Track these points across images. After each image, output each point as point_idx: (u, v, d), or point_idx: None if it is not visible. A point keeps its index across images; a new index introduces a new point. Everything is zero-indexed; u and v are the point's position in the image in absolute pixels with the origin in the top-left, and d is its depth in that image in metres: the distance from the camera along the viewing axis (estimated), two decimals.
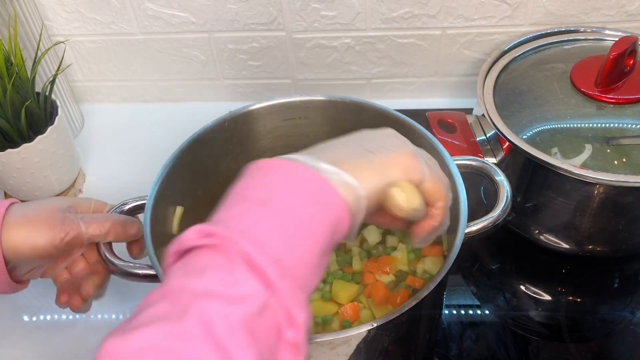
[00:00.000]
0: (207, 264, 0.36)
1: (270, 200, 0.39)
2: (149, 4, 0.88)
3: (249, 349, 0.33)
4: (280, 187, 0.40)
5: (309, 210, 0.39)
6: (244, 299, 0.34)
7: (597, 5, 0.84)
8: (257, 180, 0.41)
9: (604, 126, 0.68)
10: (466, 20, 0.87)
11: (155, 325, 0.32)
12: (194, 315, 0.33)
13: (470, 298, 0.73)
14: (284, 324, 0.35)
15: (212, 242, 0.36)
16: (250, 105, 0.68)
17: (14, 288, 0.56)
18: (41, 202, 0.56)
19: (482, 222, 0.58)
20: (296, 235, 0.38)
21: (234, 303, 0.34)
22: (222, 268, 0.35)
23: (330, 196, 0.40)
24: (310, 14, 0.87)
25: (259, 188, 0.41)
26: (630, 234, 0.69)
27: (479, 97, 0.73)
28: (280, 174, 0.41)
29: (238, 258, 0.35)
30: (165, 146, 0.65)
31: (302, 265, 0.38)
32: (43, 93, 0.77)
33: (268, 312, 0.35)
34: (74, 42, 0.94)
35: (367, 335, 0.49)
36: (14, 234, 0.52)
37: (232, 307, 0.33)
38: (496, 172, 0.61)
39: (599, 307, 0.71)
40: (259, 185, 0.41)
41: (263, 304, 0.34)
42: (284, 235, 0.38)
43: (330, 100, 0.69)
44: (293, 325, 0.36)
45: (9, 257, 0.53)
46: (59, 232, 0.53)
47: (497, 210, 0.59)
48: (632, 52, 0.69)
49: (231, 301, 0.34)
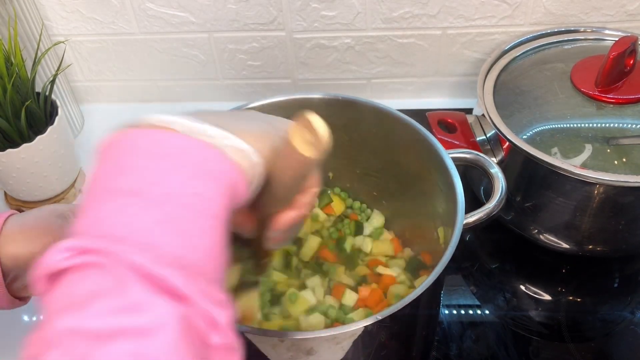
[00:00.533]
0: (92, 290, 0.28)
1: (143, 187, 0.31)
2: (149, 4, 0.88)
3: None
4: (155, 168, 0.32)
5: (195, 187, 0.32)
6: (153, 328, 0.27)
7: (597, 5, 0.84)
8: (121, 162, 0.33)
9: (604, 126, 0.68)
10: (466, 20, 0.87)
11: None
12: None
13: (470, 298, 0.73)
14: (207, 332, 0.30)
15: (90, 261, 0.29)
16: (245, 105, 0.68)
17: (12, 303, 0.55)
18: (40, 209, 0.56)
19: (477, 213, 0.59)
20: (188, 223, 0.31)
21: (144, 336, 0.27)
22: (113, 293, 0.28)
23: (221, 162, 0.33)
24: (310, 14, 0.87)
25: (126, 174, 0.32)
26: (630, 234, 0.69)
27: (479, 97, 0.73)
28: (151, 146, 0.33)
29: (128, 273, 0.28)
30: None
31: (206, 255, 0.32)
32: (43, 93, 0.77)
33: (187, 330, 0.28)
34: (74, 42, 0.94)
35: (364, 331, 0.50)
36: (13, 243, 0.52)
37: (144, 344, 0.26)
38: (490, 164, 0.62)
39: (599, 307, 0.71)
40: (126, 169, 0.32)
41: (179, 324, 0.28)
42: (173, 226, 0.31)
43: (324, 98, 0.69)
44: (217, 329, 0.30)
45: (9, 267, 0.52)
46: (57, 236, 0.53)
47: (492, 201, 0.59)
48: (632, 52, 0.69)
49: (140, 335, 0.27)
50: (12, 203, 0.84)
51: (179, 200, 0.31)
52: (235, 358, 0.31)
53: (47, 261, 0.30)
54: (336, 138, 0.39)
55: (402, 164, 0.68)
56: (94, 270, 0.29)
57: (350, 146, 0.71)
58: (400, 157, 0.68)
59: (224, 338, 0.30)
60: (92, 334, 0.26)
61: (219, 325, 0.30)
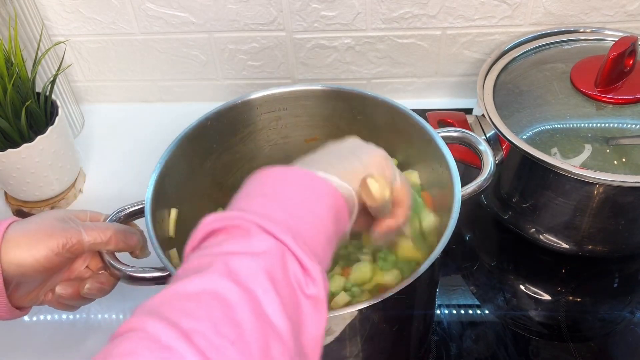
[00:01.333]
0: (225, 238, 0.39)
1: (272, 194, 0.43)
2: (149, 4, 0.88)
3: (272, 292, 0.35)
4: (280, 184, 0.44)
5: (309, 197, 0.43)
6: (263, 253, 0.37)
7: (597, 5, 0.84)
8: (257, 183, 0.45)
9: (604, 126, 0.68)
10: (466, 20, 0.87)
11: (183, 281, 0.35)
12: (218, 267, 0.36)
13: (470, 298, 0.73)
14: (302, 279, 0.38)
15: (228, 223, 0.40)
16: (228, 103, 0.69)
17: (12, 314, 0.55)
18: (40, 215, 0.56)
19: (469, 187, 0.61)
20: (301, 214, 0.42)
21: (254, 256, 0.37)
22: (240, 237, 0.39)
23: (327, 187, 0.44)
24: (310, 14, 0.87)
25: (260, 187, 0.44)
26: (630, 234, 0.69)
27: (479, 97, 0.73)
28: (278, 175, 0.44)
29: (253, 227, 0.39)
30: (165, 146, 0.66)
31: (310, 236, 0.41)
32: (43, 93, 0.78)
33: (286, 263, 0.38)
34: (74, 42, 0.94)
35: (357, 315, 0.50)
36: (16, 249, 0.52)
37: (253, 259, 0.37)
38: (478, 141, 0.64)
39: (599, 307, 0.71)
40: (260, 185, 0.44)
41: (281, 257, 0.38)
42: (290, 213, 0.41)
43: (309, 90, 0.70)
44: (311, 279, 0.38)
45: (12, 273, 0.52)
46: (60, 239, 0.53)
47: (483, 175, 0.61)
48: (632, 52, 0.69)
49: (251, 255, 0.37)
50: (12, 203, 0.84)
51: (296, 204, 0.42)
52: (322, 316, 0.39)
53: (200, 227, 0.40)
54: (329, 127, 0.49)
55: (395, 150, 0.69)
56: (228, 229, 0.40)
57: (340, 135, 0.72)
58: (393, 141, 0.69)
59: (316, 290, 0.38)
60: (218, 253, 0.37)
61: (313, 277, 0.38)
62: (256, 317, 0.34)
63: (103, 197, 0.86)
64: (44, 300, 0.59)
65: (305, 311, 0.38)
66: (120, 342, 0.32)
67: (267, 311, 0.35)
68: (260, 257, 0.37)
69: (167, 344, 0.31)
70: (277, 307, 0.35)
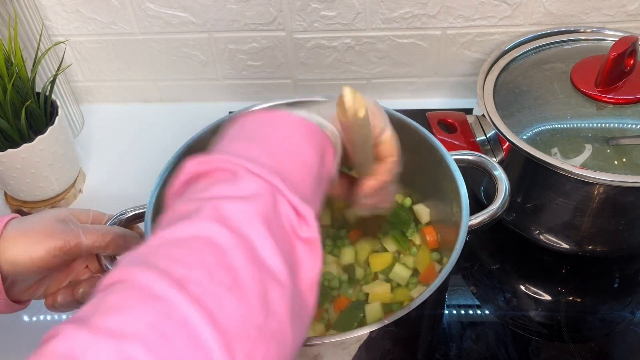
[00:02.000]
0: (211, 182, 0.38)
1: (257, 137, 0.42)
2: (149, 4, 0.88)
3: (266, 235, 0.34)
4: (264, 127, 0.43)
5: (294, 139, 0.42)
6: (253, 196, 0.36)
7: (597, 5, 0.84)
8: (239, 127, 0.44)
9: (604, 126, 0.68)
10: (466, 20, 0.87)
11: (170, 227, 0.34)
12: (207, 212, 0.34)
13: (470, 298, 0.73)
14: (295, 221, 0.37)
15: (213, 166, 0.38)
16: (248, 109, 0.68)
17: (11, 307, 0.55)
18: (41, 213, 0.56)
19: (481, 215, 0.58)
20: (287, 157, 0.40)
21: (245, 199, 0.36)
22: (227, 179, 0.37)
23: (311, 127, 0.43)
24: (310, 14, 0.87)
25: (243, 131, 0.43)
26: (630, 234, 0.69)
27: (479, 97, 0.73)
28: (262, 118, 0.44)
29: (240, 169, 0.37)
30: (165, 146, 0.66)
31: (298, 180, 0.40)
32: (43, 93, 0.78)
33: (278, 206, 0.37)
34: (74, 42, 0.94)
35: (368, 337, 0.49)
36: (13, 247, 0.52)
37: (244, 202, 0.35)
38: (494, 166, 0.62)
39: (599, 307, 0.71)
40: (243, 129, 0.43)
41: (272, 200, 0.36)
42: (276, 157, 0.40)
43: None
44: (304, 221, 0.37)
45: (7, 271, 0.52)
46: (57, 240, 0.53)
47: (496, 203, 0.59)
48: (632, 52, 0.69)
49: (242, 199, 0.36)
50: (12, 203, 0.84)
51: (282, 145, 0.41)
52: (317, 257, 0.38)
53: (182, 171, 0.39)
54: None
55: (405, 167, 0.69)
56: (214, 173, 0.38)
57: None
58: (403, 159, 0.68)
59: (310, 232, 0.37)
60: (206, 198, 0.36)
61: (306, 219, 0.37)
62: (251, 261, 0.33)
63: (103, 197, 0.86)
64: (42, 296, 0.58)
65: (300, 254, 0.37)
66: (108, 295, 0.30)
67: (263, 255, 0.34)
68: (251, 200, 0.36)
69: (159, 293, 0.29)
70: (272, 250, 0.34)
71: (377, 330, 0.48)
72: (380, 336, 0.50)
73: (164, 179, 0.61)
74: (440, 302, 0.65)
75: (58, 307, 0.58)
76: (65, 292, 0.58)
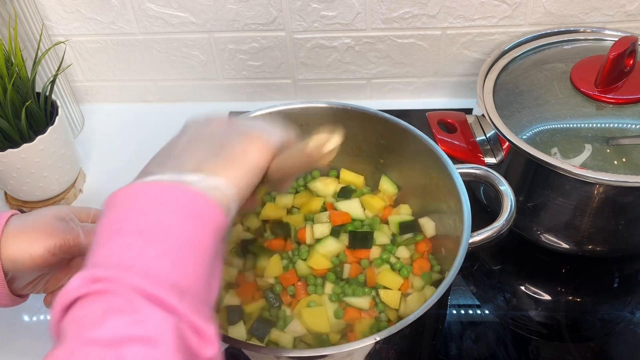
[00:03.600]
0: (105, 309, 0.34)
1: (148, 227, 0.38)
2: (149, 4, 0.88)
3: None
4: (154, 211, 0.39)
5: (188, 226, 0.39)
6: (157, 338, 0.33)
7: (597, 5, 0.84)
8: (126, 209, 0.40)
9: (604, 126, 0.68)
10: (466, 20, 0.87)
11: None
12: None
13: (470, 298, 0.73)
14: (197, 345, 0.35)
15: (102, 288, 0.35)
16: (249, 113, 0.68)
17: (13, 301, 0.55)
18: (41, 210, 0.56)
19: (486, 231, 0.58)
20: (183, 255, 0.38)
21: (150, 344, 0.33)
22: (123, 310, 0.34)
23: (207, 206, 0.40)
24: (310, 14, 0.87)
25: (131, 217, 0.39)
26: (630, 234, 0.69)
27: (479, 97, 0.73)
28: (150, 196, 0.40)
29: (134, 294, 0.34)
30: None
31: (197, 282, 0.38)
32: (43, 93, 0.78)
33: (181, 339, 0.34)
34: (74, 42, 0.94)
35: (372, 348, 0.50)
36: (13, 244, 0.52)
37: (150, 349, 0.33)
38: (500, 181, 0.61)
39: (599, 307, 0.71)
40: (130, 214, 0.39)
41: (174, 334, 0.34)
42: (171, 258, 0.37)
43: (331, 107, 0.69)
44: (206, 341, 0.36)
45: (7, 267, 0.52)
46: (57, 239, 0.53)
47: (501, 219, 0.58)
48: (632, 52, 0.69)
49: (146, 343, 0.33)
50: (12, 203, 0.84)
51: (177, 238, 0.38)
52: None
53: (67, 291, 0.35)
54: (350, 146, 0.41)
55: (409, 176, 0.69)
56: (106, 295, 0.34)
57: (356, 155, 0.73)
58: (408, 169, 0.68)
59: (212, 351, 0.35)
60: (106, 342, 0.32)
61: (208, 337, 0.35)
62: None
63: (103, 197, 0.85)
64: (42, 291, 0.59)
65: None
66: None
67: None
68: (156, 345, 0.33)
69: None
70: None
71: (372, 345, 0.49)
72: (377, 350, 0.50)
73: None
74: (441, 316, 0.65)
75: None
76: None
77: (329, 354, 0.48)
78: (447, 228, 0.64)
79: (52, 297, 0.58)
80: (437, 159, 0.63)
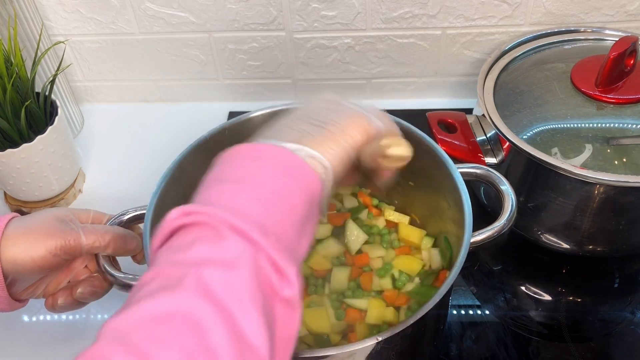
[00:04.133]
0: (194, 238, 0.37)
1: (245, 177, 0.41)
2: (149, 4, 0.88)
3: (248, 307, 0.34)
4: (253, 166, 0.42)
5: (282, 181, 0.41)
6: (236, 262, 0.36)
7: (597, 5, 0.84)
8: (229, 164, 0.43)
9: (604, 126, 0.68)
10: (466, 20, 0.87)
11: (153, 298, 0.33)
12: (190, 282, 0.34)
13: (470, 298, 0.73)
14: (277, 282, 0.37)
15: (196, 219, 0.38)
16: (250, 113, 0.68)
17: (12, 305, 0.55)
18: (41, 212, 0.56)
19: (487, 231, 0.58)
20: (273, 203, 0.40)
21: (228, 267, 0.35)
22: (210, 238, 0.37)
23: (301, 167, 0.43)
24: (310, 14, 0.87)
25: (232, 170, 0.43)
26: (630, 234, 0.69)
27: (479, 97, 0.73)
28: (251, 155, 0.43)
29: (223, 226, 0.37)
30: (165, 146, 0.66)
31: (284, 230, 0.40)
32: (43, 93, 0.77)
33: (260, 270, 0.36)
34: (74, 42, 0.94)
35: (373, 349, 0.50)
36: (13, 246, 0.52)
37: (227, 271, 0.35)
38: (501, 180, 0.61)
39: (599, 307, 0.71)
40: (232, 168, 0.43)
41: (254, 264, 0.36)
42: (261, 204, 0.40)
43: None
44: (285, 280, 0.37)
45: (8, 270, 0.52)
46: (57, 239, 0.53)
47: (502, 219, 0.58)
48: (632, 52, 0.69)
49: (224, 265, 0.35)
50: (12, 203, 0.84)
51: (269, 188, 0.41)
52: (296, 315, 0.38)
53: (165, 222, 0.39)
54: None
55: (410, 177, 0.69)
56: (197, 226, 0.38)
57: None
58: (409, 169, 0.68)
59: (290, 292, 0.37)
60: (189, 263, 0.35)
61: (287, 277, 0.37)
62: (233, 340, 0.33)
63: (103, 197, 0.86)
64: (42, 295, 0.59)
65: (278, 313, 0.37)
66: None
67: (245, 330, 0.33)
68: (235, 268, 0.35)
69: None
70: (254, 324, 0.34)
71: (373, 345, 0.49)
72: (378, 351, 0.50)
73: (165, 181, 0.61)
74: (442, 317, 0.65)
75: (58, 308, 0.58)
76: (65, 294, 0.58)
77: (330, 354, 0.48)
78: (447, 228, 0.64)
79: (54, 300, 0.58)
80: (437, 158, 0.62)
